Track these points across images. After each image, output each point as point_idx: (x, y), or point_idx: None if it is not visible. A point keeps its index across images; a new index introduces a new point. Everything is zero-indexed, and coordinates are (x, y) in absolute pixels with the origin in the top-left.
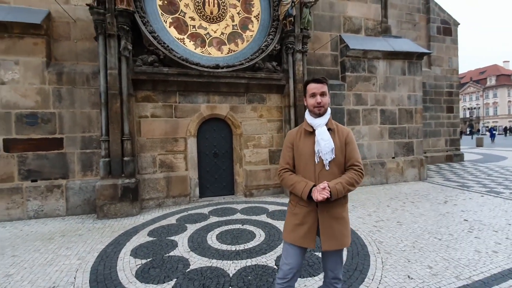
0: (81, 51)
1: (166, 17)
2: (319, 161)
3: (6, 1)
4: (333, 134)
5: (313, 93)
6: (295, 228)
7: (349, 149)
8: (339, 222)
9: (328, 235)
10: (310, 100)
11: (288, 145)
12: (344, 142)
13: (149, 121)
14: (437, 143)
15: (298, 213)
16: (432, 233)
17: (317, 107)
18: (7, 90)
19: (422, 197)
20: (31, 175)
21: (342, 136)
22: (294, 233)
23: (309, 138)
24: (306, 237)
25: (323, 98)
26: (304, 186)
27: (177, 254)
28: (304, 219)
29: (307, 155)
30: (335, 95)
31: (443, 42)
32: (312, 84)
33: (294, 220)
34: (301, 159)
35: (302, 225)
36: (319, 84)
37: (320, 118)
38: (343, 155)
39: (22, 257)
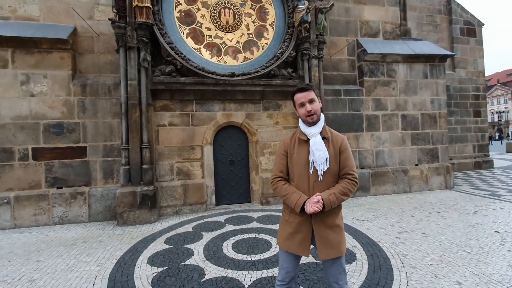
0: (103, 64)
1: (183, 28)
2: (313, 171)
3: (35, 18)
4: (327, 143)
5: (301, 103)
6: (289, 236)
7: (343, 157)
8: (334, 230)
9: (325, 245)
10: (301, 110)
11: (282, 153)
12: (338, 150)
13: (166, 129)
14: (464, 149)
15: (292, 222)
16: (461, 245)
17: (309, 116)
18: (36, 102)
19: (449, 206)
20: (56, 183)
21: (337, 144)
22: (289, 241)
23: (304, 147)
24: (301, 245)
25: (312, 106)
26: (298, 198)
27: (192, 263)
28: (298, 228)
29: (301, 165)
30: (353, 101)
31: (467, 44)
32: (298, 94)
33: (288, 229)
34: (295, 168)
35: (296, 233)
36: (305, 92)
37: (314, 127)
38: (338, 163)
39: (45, 262)
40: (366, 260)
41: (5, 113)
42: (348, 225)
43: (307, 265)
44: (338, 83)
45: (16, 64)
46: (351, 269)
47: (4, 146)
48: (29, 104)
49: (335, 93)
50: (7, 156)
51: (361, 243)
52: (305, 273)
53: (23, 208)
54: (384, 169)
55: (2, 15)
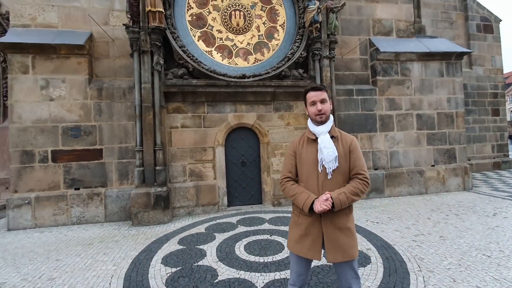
0: (118, 68)
1: (195, 31)
2: (322, 170)
3: (54, 25)
4: (336, 142)
5: (313, 101)
6: (300, 239)
7: (353, 157)
8: (344, 233)
9: (333, 247)
10: (311, 108)
11: (291, 153)
12: (348, 150)
13: (179, 131)
14: (482, 149)
15: (302, 223)
16: (480, 249)
17: (318, 115)
18: (55, 106)
19: (467, 208)
20: (74, 184)
21: (346, 144)
22: (299, 244)
23: (312, 146)
24: (312, 248)
25: (323, 105)
26: (306, 198)
27: (205, 263)
28: (308, 230)
29: (310, 164)
30: (365, 100)
31: (484, 40)
32: (311, 92)
33: (298, 231)
34: (304, 167)
35: (307, 236)
36: (318, 92)
37: (322, 126)
38: (348, 163)
39: (64, 261)
40: (381, 263)
41: (26, 116)
42: (362, 227)
43: (320, 267)
44: (351, 83)
45: (36, 69)
46: (366, 273)
47: (26, 148)
48: (49, 108)
49: (347, 93)
50: (28, 158)
51: (376, 245)
52: (319, 276)
53: (43, 209)
54: (398, 170)
55: (23, 22)
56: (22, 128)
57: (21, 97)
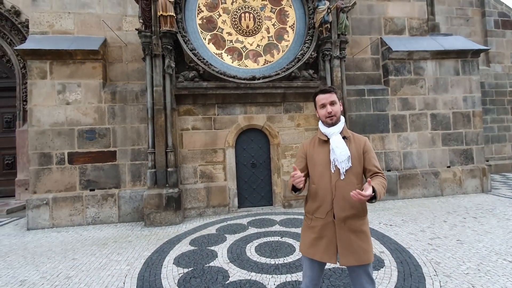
0: (131, 72)
1: (205, 34)
2: (335, 170)
3: (70, 32)
4: (348, 143)
5: (322, 104)
6: (314, 242)
7: (368, 157)
8: (358, 236)
9: (346, 250)
10: (321, 111)
11: (301, 155)
12: (362, 151)
13: (190, 133)
14: (502, 149)
15: (315, 226)
16: (500, 254)
17: (329, 117)
18: (71, 109)
19: (486, 211)
20: (89, 185)
21: (360, 145)
22: (313, 247)
23: (324, 147)
24: (326, 252)
25: (333, 107)
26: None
27: (217, 264)
28: (322, 232)
29: (322, 165)
30: (377, 101)
31: (503, 37)
32: (320, 95)
33: (311, 234)
34: (316, 168)
35: (321, 238)
36: (327, 94)
37: (333, 127)
38: (361, 164)
39: (80, 260)
40: (396, 267)
41: (44, 120)
42: (375, 230)
43: (332, 270)
44: (362, 83)
45: (53, 75)
46: (379, 276)
47: (44, 151)
48: (65, 111)
49: (359, 93)
50: (46, 160)
51: (389, 249)
52: (330, 279)
53: (60, 209)
54: (412, 172)
55: (41, 30)
56: (40, 131)
57: (39, 101)
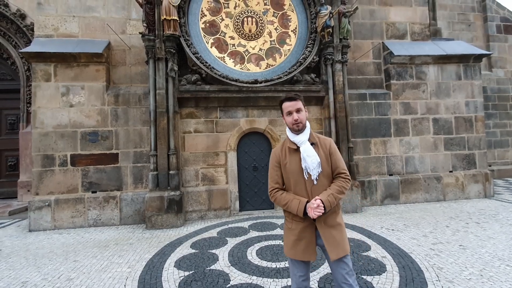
0: (134, 75)
1: (208, 38)
2: (308, 177)
3: (75, 35)
4: (316, 148)
5: (289, 111)
6: (294, 243)
7: (334, 159)
8: (337, 229)
9: (332, 244)
10: (288, 118)
11: (275, 165)
12: (328, 152)
13: (192, 136)
14: (504, 154)
15: (295, 229)
16: (504, 259)
17: (295, 124)
18: (74, 112)
19: (489, 217)
20: (91, 187)
21: (326, 148)
22: (294, 249)
23: (295, 155)
24: (306, 251)
25: (299, 115)
26: (298, 204)
27: (217, 268)
28: (301, 234)
29: (295, 173)
30: (379, 105)
31: (505, 42)
32: (286, 103)
33: (292, 236)
34: (290, 177)
35: (300, 240)
36: (293, 102)
37: (301, 135)
38: (329, 165)
39: (82, 262)
40: (397, 272)
41: (48, 122)
42: (377, 234)
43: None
44: (364, 87)
45: (58, 77)
46: (381, 281)
47: (47, 152)
48: (69, 113)
49: (360, 97)
50: (49, 162)
51: (391, 253)
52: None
53: (62, 211)
54: (414, 176)
55: (46, 33)
56: (43, 133)
57: (43, 103)
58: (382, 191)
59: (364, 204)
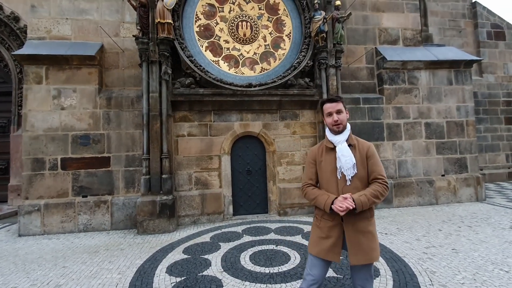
0: (127, 77)
1: (202, 41)
2: (341, 177)
3: (68, 37)
4: (354, 150)
5: (329, 112)
6: (320, 241)
7: (371, 163)
8: (366, 236)
9: (356, 250)
10: (328, 119)
11: (311, 161)
12: (365, 156)
13: (185, 139)
14: (495, 158)
15: (323, 227)
16: (496, 263)
17: (335, 125)
18: (66, 115)
19: (481, 220)
20: (82, 191)
21: (363, 151)
22: (319, 246)
23: (331, 154)
24: (331, 250)
25: (339, 116)
26: (327, 198)
27: (210, 273)
28: (329, 233)
29: (329, 171)
30: (373, 109)
31: (496, 48)
32: (327, 104)
33: (319, 233)
34: (324, 175)
35: (327, 238)
36: (334, 103)
37: (340, 135)
38: (365, 169)
39: (71, 268)
40: (391, 276)
41: (38, 125)
42: None
43: (327, 279)
44: (357, 91)
45: (49, 80)
46: (375, 286)
47: (37, 156)
48: (60, 116)
49: (354, 101)
50: (39, 165)
51: (385, 257)
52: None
53: (52, 216)
54: (407, 180)
55: (39, 35)
56: (34, 136)
57: (34, 106)
58: None
59: None
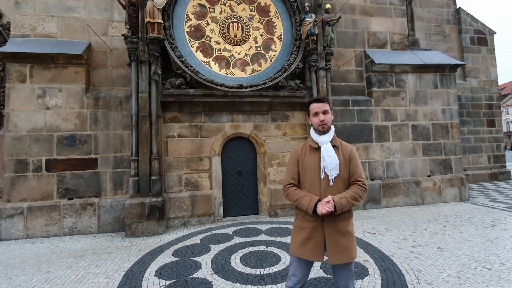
0: (116, 77)
1: (193, 42)
2: (324, 177)
3: (53, 35)
4: (337, 151)
5: (315, 112)
6: (303, 242)
7: (353, 165)
8: (345, 236)
9: (335, 250)
10: (314, 119)
11: (294, 161)
12: (348, 158)
13: (175, 140)
14: (478, 160)
15: (305, 228)
16: (479, 261)
17: (321, 125)
18: (51, 115)
19: (465, 219)
20: (68, 194)
21: (346, 153)
22: (303, 247)
23: (315, 154)
24: (314, 251)
25: (325, 116)
26: (309, 200)
27: (200, 276)
28: (311, 234)
29: (312, 171)
30: (362, 111)
31: (478, 53)
32: (314, 104)
33: (302, 235)
34: (307, 174)
35: (310, 239)
36: (321, 103)
37: (325, 136)
38: (347, 171)
39: (55, 273)
40: (379, 275)
41: (21, 125)
42: (359, 238)
43: (317, 279)
44: (346, 93)
45: (33, 78)
46: (364, 285)
47: (20, 157)
48: (44, 116)
49: (344, 103)
50: (22, 167)
51: (373, 257)
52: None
53: (35, 219)
54: (395, 181)
55: (23, 33)
56: (17, 137)
57: (17, 105)
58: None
59: None
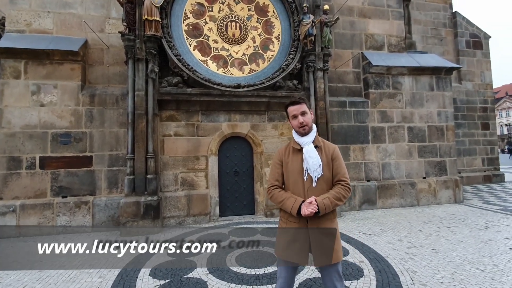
0: (112, 75)
1: (191, 40)
2: (307, 178)
3: (49, 31)
4: (320, 151)
5: (294, 115)
6: (288, 245)
7: (336, 165)
8: (330, 237)
9: (320, 252)
10: (294, 122)
11: (277, 162)
12: (330, 158)
13: (172, 139)
14: (472, 162)
15: (289, 230)
16: (473, 263)
17: (301, 127)
18: (45, 112)
19: (459, 221)
20: (62, 192)
21: (329, 153)
22: (287, 250)
23: (297, 155)
24: (299, 254)
25: (304, 118)
26: (294, 202)
27: (195, 276)
28: (295, 236)
29: (295, 172)
30: (358, 112)
31: (474, 56)
32: (291, 107)
33: (286, 237)
34: (290, 176)
35: (294, 242)
36: (297, 105)
37: (306, 137)
38: (330, 171)
39: (48, 272)
40: (374, 276)
41: (15, 122)
42: (355, 239)
43: (313, 280)
44: (344, 95)
45: (28, 75)
46: (359, 286)
47: (13, 154)
48: (39, 113)
49: (341, 104)
50: (15, 164)
51: (369, 258)
52: None
53: (28, 217)
54: (390, 182)
55: (18, 28)
56: (10, 133)
57: (11, 102)
58: (360, 197)
59: (343, 209)
